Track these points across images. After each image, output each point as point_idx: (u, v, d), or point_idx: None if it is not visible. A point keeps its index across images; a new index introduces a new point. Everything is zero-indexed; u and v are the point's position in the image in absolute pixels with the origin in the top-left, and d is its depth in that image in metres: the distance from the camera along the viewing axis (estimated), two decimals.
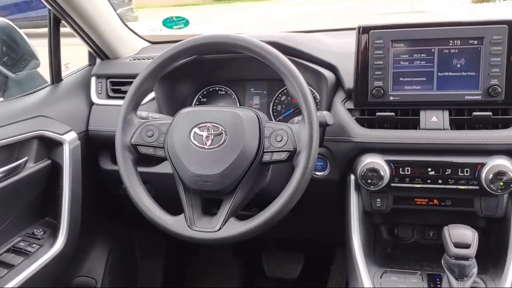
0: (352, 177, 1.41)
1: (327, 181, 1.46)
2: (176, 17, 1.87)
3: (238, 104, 1.70)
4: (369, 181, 1.31)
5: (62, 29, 1.70)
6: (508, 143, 1.26)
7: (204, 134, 1.20)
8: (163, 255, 2.20)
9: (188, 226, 1.19)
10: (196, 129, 1.21)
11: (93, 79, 1.78)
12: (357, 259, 1.33)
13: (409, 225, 1.51)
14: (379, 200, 1.40)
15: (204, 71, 1.67)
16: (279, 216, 1.15)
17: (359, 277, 1.29)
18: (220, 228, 1.17)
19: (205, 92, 1.73)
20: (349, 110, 1.41)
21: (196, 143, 1.20)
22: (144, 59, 1.78)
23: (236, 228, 1.17)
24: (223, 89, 1.72)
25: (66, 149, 1.55)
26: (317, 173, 1.45)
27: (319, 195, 1.49)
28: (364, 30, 1.33)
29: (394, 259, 1.44)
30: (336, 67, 1.45)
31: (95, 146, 1.73)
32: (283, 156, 1.18)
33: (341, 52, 1.48)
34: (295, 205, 1.17)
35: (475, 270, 1.15)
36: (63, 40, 1.71)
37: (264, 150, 1.19)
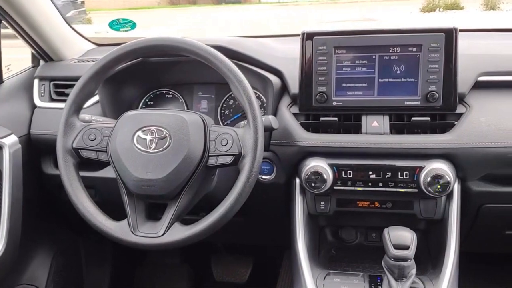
0: (297, 180, 1.43)
1: (274, 184, 1.47)
2: (123, 20, 1.85)
3: (185, 108, 1.69)
4: (313, 184, 1.33)
5: (4, 30, 1.65)
6: (445, 147, 1.30)
7: (148, 137, 1.19)
8: (110, 261, 2.15)
9: (131, 231, 1.17)
10: (139, 133, 1.19)
11: (36, 81, 1.73)
12: (301, 262, 1.35)
13: (353, 227, 1.54)
14: (323, 203, 1.42)
15: (151, 74, 1.65)
16: (224, 220, 1.15)
17: (303, 279, 1.31)
18: (164, 233, 1.15)
19: (152, 96, 1.71)
20: (295, 114, 1.42)
21: (139, 147, 1.18)
22: (89, 61, 1.74)
23: (180, 233, 1.16)
24: (171, 93, 1.71)
25: (5, 153, 1.49)
26: (263, 177, 1.46)
27: (266, 199, 1.51)
28: (308, 36, 1.36)
29: (338, 261, 1.47)
30: (281, 72, 1.47)
31: (38, 150, 1.68)
32: (228, 160, 1.18)
33: (287, 57, 1.50)
34: (242, 209, 1.17)
35: (414, 271, 1.18)
36: (8, 42, 1.66)
37: (209, 154, 1.19)
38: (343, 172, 1.35)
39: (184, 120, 1.20)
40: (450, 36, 1.29)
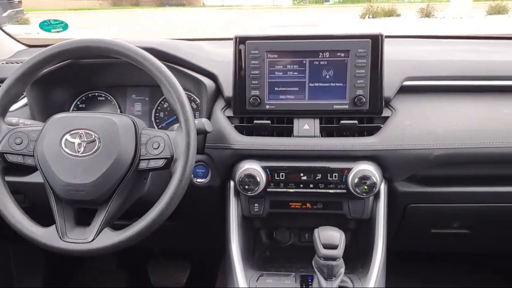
0: (232, 183, 1.44)
1: (209, 188, 1.47)
2: (54, 20, 1.80)
3: (118, 110, 1.66)
4: (246, 186, 1.35)
5: None
6: (372, 149, 1.35)
7: (76, 141, 1.16)
8: (42, 269, 2.08)
9: (60, 237, 1.14)
10: (67, 136, 1.17)
11: None
12: (234, 264, 1.36)
13: (287, 228, 1.57)
14: (257, 205, 1.44)
15: (82, 76, 1.61)
16: (155, 225, 1.14)
17: (236, 280, 1.32)
18: (93, 239, 1.13)
19: (84, 98, 1.67)
20: (229, 117, 1.44)
21: (67, 150, 1.15)
22: (18, 63, 1.68)
23: (110, 238, 1.14)
24: (103, 95, 1.68)
25: None
26: (198, 180, 1.46)
27: (201, 202, 1.51)
28: (240, 41, 1.37)
29: (272, 262, 1.49)
30: (216, 75, 1.48)
31: None
32: (160, 163, 1.17)
33: (222, 60, 1.51)
34: (176, 213, 1.17)
35: (342, 270, 1.22)
36: None
37: (141, 158, 1.18)
38: (275, 174, 1.37)
39: (114, 123, 1.18)
40: (376, 42, 1.34)
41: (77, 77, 1.61)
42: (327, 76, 1.37)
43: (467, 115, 1.40)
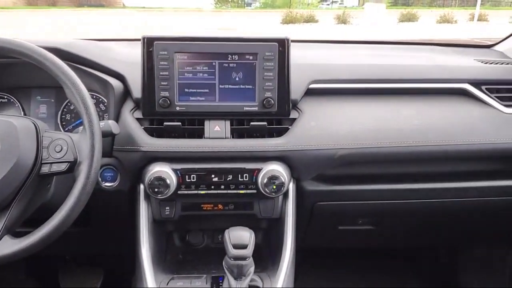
0: (142, 186, 1.41)
1: (118, 192, 1.43)
2: None
3: (22, 113, 1.58)
4: (156, 189, 1.33)
5: None
6: (280, 150, 1.39)
7: None
8: None
9: None
10: None
11: None
12: (144, 268, 1.34)
13: (200, 230, 1.57)
14: (168, 208, 1.42)
15: None
16: (59, 231, 1.10)
17: (145, 285, 1.30)
18: None
19: None
20: (138, 119, 1.41)
21: None
22: None
23: (9, 246, 1.08)
24: (5, 97, 1.58)
25: None
26: (106, 184, 1.42)
27: (111, 207, 1.47)
28: (148, 41, 1.35)
29: (184, 264, 1.48)
30: (124, 76, 1.44)
31: None
32: (62, 167, 1.13)
33: (131, 61, 1.48)
34: (84, 218, 1.14)
35: (252, 269, 1.23)
36: None
37: (42, 162, 1.13)
38: (186, 176, 1.37)
39: (13, 125, 1.13)
40: (283, 45, 1.37)
41: None
42: (237, 78, 1.39)
43: (369, 116, 1.48)
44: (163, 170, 1.34)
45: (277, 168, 1.36)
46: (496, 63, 1.67)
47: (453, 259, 2.22)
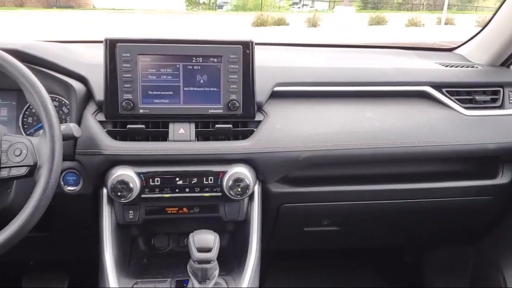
0: (105, 190, 1.39)
1: (81, 196, 1.41)
2: None
3: None
4: (119, 193, 1.31)
5: None
6: (245, 153, 1.39)
7: None
8: None
9: None
10: None
11: None
12: (107, 273, 1.32)
13: (165, 234, 1.56)
14: (132, 212, 1.40)
15: None
16: (18, 237, 1.07)
17: None
18: None
19: None
20: (101, 122, 1.39)
21: None
22: None
23: None
24: None
25: None
26: (69, 188, 1.39)
27: (74, 211, 1.45)
28: (111, 43, 1.33)
29: (149, 269, 1.46)
30: (86, 79, 1.42)
31: None
32: (22, 171, 1.11)
33: (94, 63, 1.45)
34: (45, 223, 1.12)
35: (216, 272, 1.23)
36: None
37: (1, 166, 1.10)
38: (150, 179, 1.35)
39: None
40: (247, 48, 1.37)
41: None
42: (201, 81, 1.38)
43: (333, 119, 1.49)
44: (126, 173, 1.32)
45: (242, 171, 1.36)
46: (456, 66, 1.71)
47: (418, 259, 2.27)
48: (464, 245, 2.01)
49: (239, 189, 1.35)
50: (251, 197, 1.44)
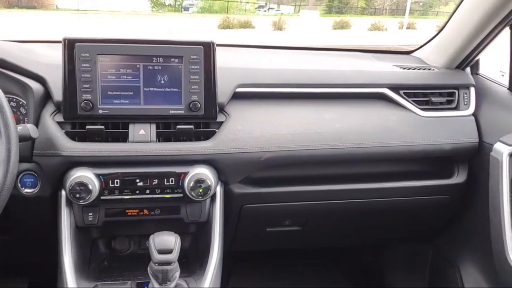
0: (64, 192, 1.36)
1: (39, 198, 1.38)
2: None
3: None
4: (77, 195, 1.29)
5: None
6: (207, 153, 1.39)
7: None
8: None
9: None
10: None
11: None
12: (66, 276, 1.30)
13: (126, 236, 1.54)
14: (91, 214, 1.38)
15: None
16: None
17: None
18: None
19: None
20: (59, 123, 1.36)
21: None
22: None
23: None
24: None
25: None
26: (26, 190, 1.36)
27: (32, 214, 1.42)
28: (69, 43, 1.31)
29: (109, 272, 1.44)
30: (44, 79, 1.39)
31: None
32: None
33: (53, 64, 1.43)
34: (5, 227, 1.10)
35: (177, 273, 1.23)
36: None
37: None
38: (110, 181, 1.34)
39: None
40: (208, 49, 1.37)
41: None
42: (162, 81, 1.37)
43: (293, 120, 1.51)
44: (85, 175, 1.30)
45: (204, 172, 1.36)
46: (413, 69, 1.75)
47: (378, 258, 2.31)
48: (422, 243, 2.06)
49: (201, 190, 1.35)
50: (213, 198, 1.44)
